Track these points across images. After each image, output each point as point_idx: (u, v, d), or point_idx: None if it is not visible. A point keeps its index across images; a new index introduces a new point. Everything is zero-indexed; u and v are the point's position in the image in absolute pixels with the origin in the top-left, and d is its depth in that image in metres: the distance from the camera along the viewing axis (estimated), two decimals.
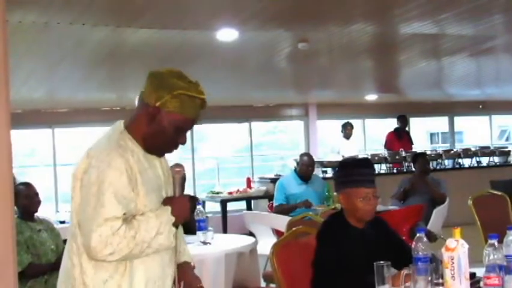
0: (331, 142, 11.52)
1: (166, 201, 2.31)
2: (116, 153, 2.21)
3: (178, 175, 2.37)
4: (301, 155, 7.19)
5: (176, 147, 2.36)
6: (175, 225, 2.28)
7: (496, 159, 11.52)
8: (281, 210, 6.70)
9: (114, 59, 7.30)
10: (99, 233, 2.12)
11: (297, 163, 7.21)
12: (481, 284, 2.53)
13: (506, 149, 11.93)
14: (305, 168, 6.95)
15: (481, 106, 14.10)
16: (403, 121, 11.51)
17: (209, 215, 4.83)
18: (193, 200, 2.40)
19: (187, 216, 2.33)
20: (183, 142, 2.35)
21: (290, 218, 5.33)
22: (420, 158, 7.51)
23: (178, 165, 2.40)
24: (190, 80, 2.34)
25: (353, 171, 3.18)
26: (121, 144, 2.26)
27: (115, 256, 2.15)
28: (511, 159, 11.68)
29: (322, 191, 6.97)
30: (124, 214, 2.17)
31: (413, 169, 7.77)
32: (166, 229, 2.23)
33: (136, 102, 2.37)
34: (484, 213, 5.19)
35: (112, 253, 2.14)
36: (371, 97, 12.21)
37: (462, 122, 15.80)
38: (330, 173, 9.75)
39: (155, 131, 2.28)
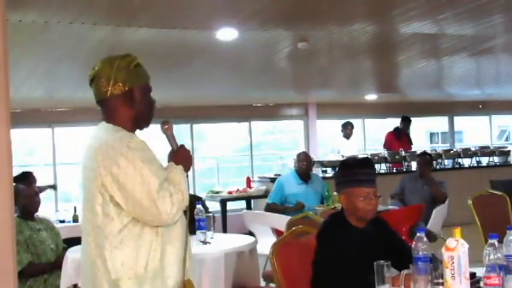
0: (331, 142, 11.52)
1: (170, 157, 2.57)
2: (128, 138, 2.42)
3: (169, 131, 2.61)
4: (298, 154, 7.24)
5: (154, 109, 2.61)
6: (186, 171, 2.54)
7: (496, 159, 11.52)
8: (272, 208, 6.72)
9: None
10: (161, 198, 2.32)
11: (295, 162, 7.24)
12: (481, 283, 2.53)
13: (506, 149, 11.93)
14: (301, 165, 6.98)
15: (480, 106, 14.11)
16: (405, 124, 11.40)
17: (209, 214, 4.80)
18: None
19: (190, 162, 2.60)
20: (154, 101, 2.60)
21: (290, 217, 5.33)
22: (420, 159, 7.46)
23: (165, 122, 2.61)
24: (122, 55, 2.55)
25: (354, 171, 3.18)
26: (125, 133, 2.46)
27: (179, 212, 2.40)
28: (510, 159, 11.68)
29: (322, 191, 6.97)
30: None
31: (413, 169, 7.75)
32: (181, 178, 2.47)
33: (101, 107, 2.57)
34: (483, 213, 5.20)
35: (178, 209, 2.38)
36: (371, 97, 12.21)
37: (462, 122, 15.81)
38: (330, 172, 9.75)
39: (140, 108, 2.52)
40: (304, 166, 6.99)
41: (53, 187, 7.26)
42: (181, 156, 2.57)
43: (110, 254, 2.35)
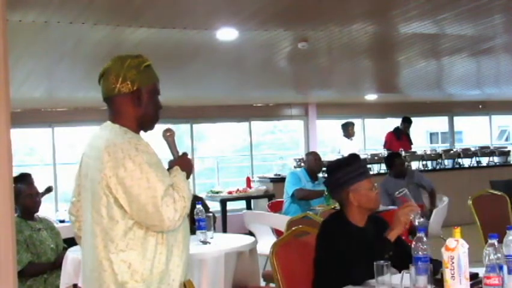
0: (331, 142, 11.52)
1: (172, 164, 2.56)
2: (136, 140, 2.42)
3: (171, 138, 2.64)
4: (309, 153, 7.53)
5: (160, 113, 2.60)
6: (187, 178, 2.53)
7: (496, 159, 11.52)
8: (304, 195, 6.80)
9: None
10: (165, 205, 2.30)
11: (304, 162, 7.44)
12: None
13: (506, 149, 11.93)
14: (314, 162, 7.13)
15: (480, 106, 14.11)
16: (406, 124, 11.34)
17: (209, 214, 4.79)
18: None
19: (192, 169, 2.60)
20: (161, 105, 2.60)
21: (290, 217, 5.34)
22: (398, 160, 7.46)
23: (168, 129, 2.66)
24: (134, 54, 2.56)
25: (354, 166, 3.19)
26: (132, 135, 2.46)
27: (181, 219, 2.37)
28: (510, 159, 11.69)
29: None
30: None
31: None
32: (185, 184, 2.46)
33: (108, 105, 2.55)
34: (483, 213, 5.18)
35: (180, 216, 2.35)
36: (371, 97, 12.21)
37: (462, 122, 15.81)
38: None
39: (145, 109, 2.52)
40: (319, 164, 7.17)
41: (49, 190, 7.20)
42: (183, 164, 2.55)
43: (117, 257, 2.35)
